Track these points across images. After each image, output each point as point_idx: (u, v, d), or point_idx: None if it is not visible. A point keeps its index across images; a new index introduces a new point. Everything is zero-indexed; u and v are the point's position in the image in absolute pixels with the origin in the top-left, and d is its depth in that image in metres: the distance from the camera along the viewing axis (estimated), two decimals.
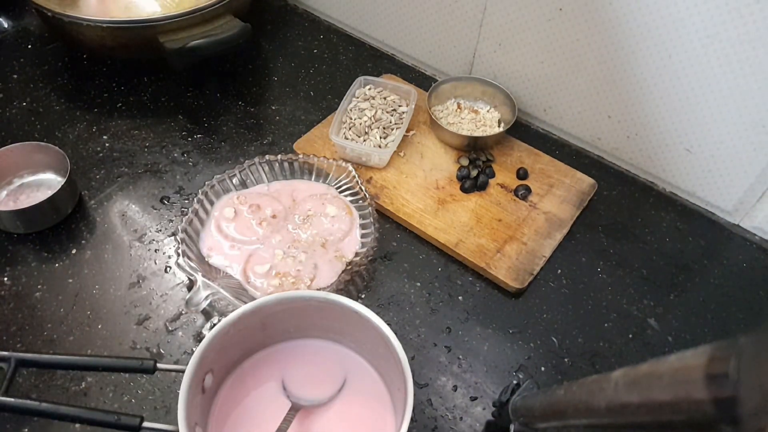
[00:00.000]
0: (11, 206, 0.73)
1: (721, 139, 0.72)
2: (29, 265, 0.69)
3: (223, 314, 0.65)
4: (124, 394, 0.60)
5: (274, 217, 0.72)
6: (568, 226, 0.75)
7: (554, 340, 0.66)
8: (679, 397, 0.28)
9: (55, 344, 0.63)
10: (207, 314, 0.66)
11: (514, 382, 0.57)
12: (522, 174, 0.80)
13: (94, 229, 0.73)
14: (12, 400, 0.58)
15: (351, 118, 0.83)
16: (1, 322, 0.64)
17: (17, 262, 0.69)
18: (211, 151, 0.83)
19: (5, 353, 0.60)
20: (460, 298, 0.69)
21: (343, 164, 0.75)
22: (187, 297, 0.62)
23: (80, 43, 0.87)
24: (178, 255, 0.64)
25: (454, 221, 0.74)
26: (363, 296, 0.69)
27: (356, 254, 0.69)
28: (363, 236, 0.71)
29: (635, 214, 0.79)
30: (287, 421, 0.52)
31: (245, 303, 0.54)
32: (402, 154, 0.82)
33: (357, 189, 0.74)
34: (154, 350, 0.63)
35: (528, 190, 0.78)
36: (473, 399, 0.61)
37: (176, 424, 0.46)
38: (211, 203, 0.72)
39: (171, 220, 0.75)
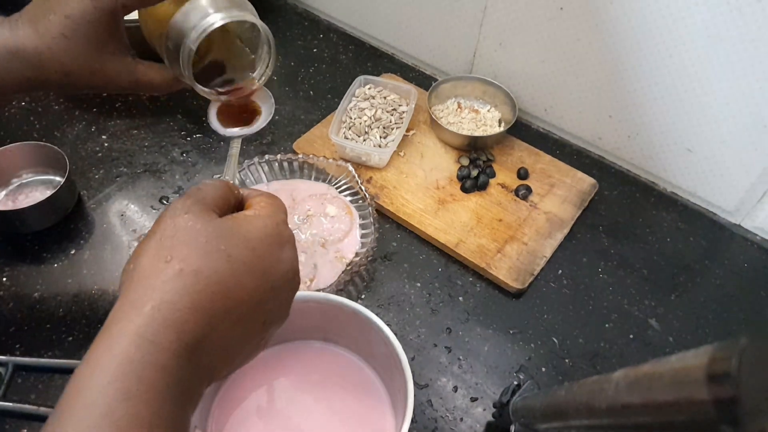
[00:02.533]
0: (10, 206, 0.72)
1: (723, 138, 0.72)
2: (28, 265, 0.69)
3: None
4: None
5: None
6: (568, 226, 0.75)
7: (555, 340, 0.66)
8: (679, 397, 0.28)
9: (54, 345, 0.62)
10: None
11: (515, 382, 0.57)
12: (522, 174, 0.80)
13: (93, 229, 0.73)
14: (10, 405, 0.58)
15: (351, 118, 0.83)
16: (0, 323, 0.64)
17: (16, 262, 0.69)
18: (211, 150, 0.83)
19: (3, 358, 0.60)
20: (460, 298, 0.69)
21: (343, 164, 0.75)
22: None
23: None
24: None
25: (455, 221, 0.74)
26: (363, 297, 0.69)
27: (356, 254, 0.69)
28: (363, 236, 0.71)
29: (636, 215, 0.78)
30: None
31: None
32: (402, 153, 0.82)
33: (357, 189, 0.74)
34: None
35: (529, 190, 0.78)
36: (474, 400, 0.61)
37: None
38: None
39: None
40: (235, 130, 0.51)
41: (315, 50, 1.00)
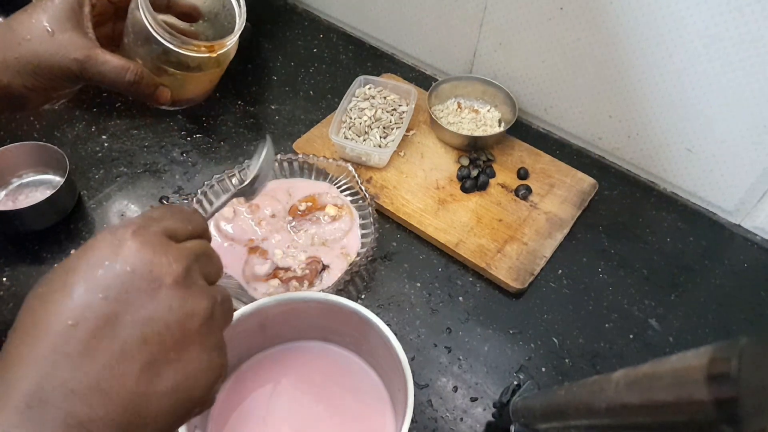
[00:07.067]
0: (10, 206, 0.72)
1: (723, 138, 0.72)
2: (28, 265, 0.69)
3: None
4: None
5: (273, 216, 0.72)
6: (568, 226, 0.75)
7: (555, 340, 0.66)
8: (680, 397, 0.28)
9: None
10: None
11: (515, 382, 0.57)
12: (522, 174, 0.80)
13: (93, 229, 0.73)
14: None
15: (351, 118, 0.83)
16: (0, 323, 0.64)
17: (16, 262, 0.69)
18: (211, 150, 0.83)
19: None
20: (460, 298, 0.69)
21: (343, 164, 0.75)
22: None
23: None
24: None
25: (455, 221, 0.74)
26: (363, 297, 0.69)
27: (356, 254, 0.69)
28: (363, 236, 0.71)
29: (636, 214, 0.78)
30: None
31: (244, 304, 0.53)
32: (402, 153, 0.82)
33: (357, 189, 0.74)
34: None
35: (529, 189, 0.78)
36: (474, 400, 0.61)
37: None
38: (211, 203, 0.72)
39: None
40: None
41: (315, 50, 1.00)
